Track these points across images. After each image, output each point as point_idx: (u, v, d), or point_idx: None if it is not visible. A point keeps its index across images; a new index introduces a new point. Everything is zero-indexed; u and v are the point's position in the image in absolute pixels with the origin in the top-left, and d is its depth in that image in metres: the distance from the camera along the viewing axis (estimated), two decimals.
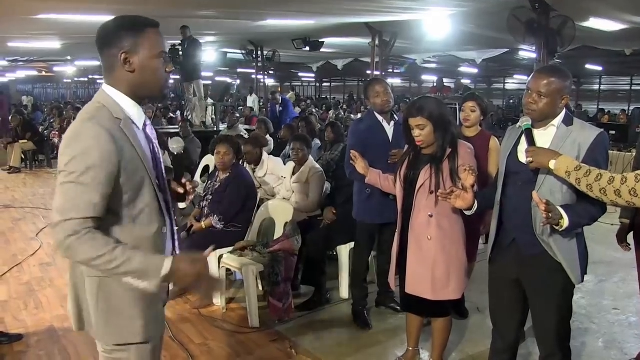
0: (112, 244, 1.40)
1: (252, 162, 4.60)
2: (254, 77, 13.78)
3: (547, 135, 2.04)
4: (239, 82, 23.19)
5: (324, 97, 26.70)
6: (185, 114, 9.69)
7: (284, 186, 4.33)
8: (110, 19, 1.53)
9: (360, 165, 2.92)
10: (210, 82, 14.19)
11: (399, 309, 3.39)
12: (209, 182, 4.06)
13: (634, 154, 4.57)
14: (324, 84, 30.30)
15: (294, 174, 4.21)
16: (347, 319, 3.48)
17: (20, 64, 15.31)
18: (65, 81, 29.63)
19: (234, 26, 8.93)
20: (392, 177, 2.76)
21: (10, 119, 10.19)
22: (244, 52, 12.12)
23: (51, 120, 12.91)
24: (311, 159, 4.26)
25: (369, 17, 7.73)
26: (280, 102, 11.11)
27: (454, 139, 2.52)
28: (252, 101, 13.75)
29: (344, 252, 3.80)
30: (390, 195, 2.93)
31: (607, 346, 3.21)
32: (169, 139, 5.94)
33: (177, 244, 1.72)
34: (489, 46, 10.14)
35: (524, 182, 2.07)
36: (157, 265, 1.41)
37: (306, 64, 16.57)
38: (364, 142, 3.16)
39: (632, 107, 16.38)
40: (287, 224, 3.71)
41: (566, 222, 1.90)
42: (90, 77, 25.06)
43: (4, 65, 15.41)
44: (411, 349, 2.87)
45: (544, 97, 1.98)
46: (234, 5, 6.84)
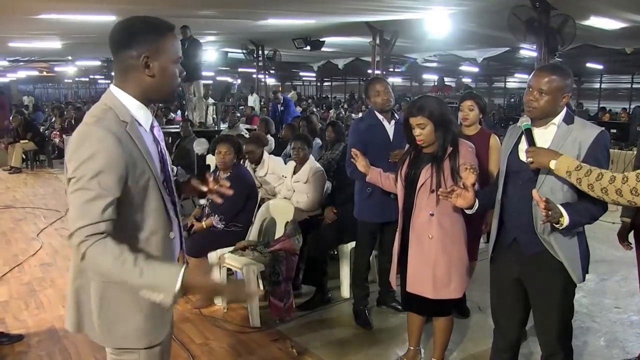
0: (124, 253, 1.34)
1: (255, 161, 4.60)
2: (254, 76, 13.78)
3: (547, 133, 2.04)
4: (239, 81, 23.18)
5: (324, 96, 26.68)
6: (186, 113, 9.70)
7: (284, 186, 4.33)
8: (125, 18, 1.47)
9: (361, 163, 2.90)
10: (211, 81, 14.18)
11: (400, 308, 3.39)
12: None
13: (635, 152, 4.56)
14: (325, 83, 30.28)
15: (294, 173, 4.21)
16: (348, 319, 3.48)
17: (21, 64, 15.32)
18: (66, 81, 29.61)
19: (234, 26, 8.93)
20: (393, 176, 2.75)
21: (11, 119, 10.19)
22: (244, 51, 12.11)
23: (52, 120, 12.92)
24: (312, 158, 4.25)
25: (369, 16, 7.72)
26: (282, 102, 11.12)
27: (455, 137, 2.51)
28: (253, 101, 13.75)
29: (345, 251, 3.80)
30: (391, 194, 2.93)
31: (608, 345, 3.20)
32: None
33: (183, 246, 1.71)
34: (490, 45, 10.14)
35: (525, 181, 2.06)
36: (169, 281, 1.35)
37: (307, 63, 16.57)
38: (364, 141, 3.15)
39: (633, 106, 16.36)
40: (287, 223, 3.70)
41: (566, 220, 1.89)
42: (91, 77, 25.09)
43: (5, 65, 15.42)
44: (412, 348, 2.86)
45: (544, 95, 1.97)
46: (234, 4, 6.84)
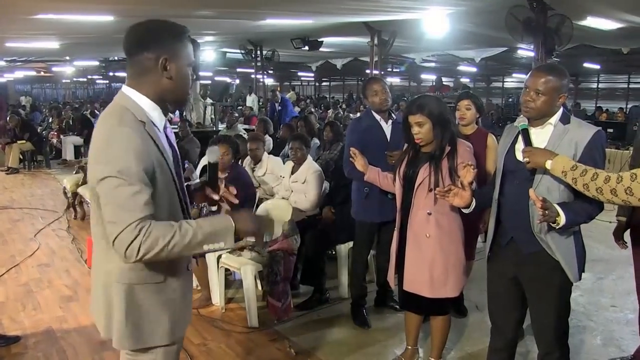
0: (174, 224, 1.39)
1: (258, 160, 4.62)
2: (253, 76, 13.76)
3: (544, 133, 2.05)
4: (238, 81, 23.16)
5: (323, 96, 26.67)
6: (184, 114, 9.70)
7: (282, 185, 4.33)
8: (142, 21, 1.49)
9: (359, 162, 2.91)
10: (209, 81, 14.18)
11: (398, 307, 3.40)
12: None
13: (631, 151, 4.57)
14: (324, 83, 30.28)
15: (292, 173, 4.21)
16: (346, 318, 3.49)
17: (18, 64, 15.26)
18: (64, 81, 29.58)
19: (233, 26, 8.91)
20: (391, 175, 2.76)
21: (8, 119, 10.15)
22: (243, 51, 12.09)
23: (49, 120, 12.90)
24: (310, 158, 4.26)
25: (367, 16, 7.72)
26: (280, 101, 11.12)
27: (453, 137, 2.52)
28: (251, 101, 13.75)
29: (343, 251, 3.81)
30: (388, 194, 2.94)
31: (605, 343, 3.22)
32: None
33: None
34: (488, 45, 10.14)
35: (522, 180, 2.07)
36: (225, 225, 1.45)
37: (305, 64, 16.54)
38: (362, 141, 3.16)
39: (629, 105, 16.42)
40: (285, 223, 3.71)
41: (563, 219, 1.90)
42: (89, 77, 25.04)
43: (2, 65, 15.36)
44: (410, 347, 2.87)
45: (541, 95, 1.98)
46: (233, 5, 6.83)
